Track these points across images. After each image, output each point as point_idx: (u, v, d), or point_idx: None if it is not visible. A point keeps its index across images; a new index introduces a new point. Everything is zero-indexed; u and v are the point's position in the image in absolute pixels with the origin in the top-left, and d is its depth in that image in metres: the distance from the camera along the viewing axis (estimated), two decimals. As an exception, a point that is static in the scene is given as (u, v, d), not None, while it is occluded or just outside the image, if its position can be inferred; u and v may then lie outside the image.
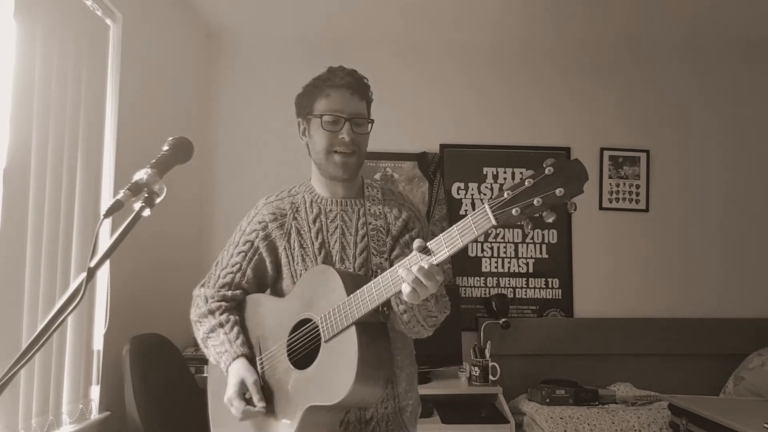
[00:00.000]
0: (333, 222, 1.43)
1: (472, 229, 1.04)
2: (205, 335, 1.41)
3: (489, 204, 1.02)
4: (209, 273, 1.50)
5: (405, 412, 1.43)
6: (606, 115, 3.48)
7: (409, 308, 1.23)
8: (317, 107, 1.40)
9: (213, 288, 1.47)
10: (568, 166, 0.98)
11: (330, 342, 1.24)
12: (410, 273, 1.09)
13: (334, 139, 1.38)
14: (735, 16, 3.15)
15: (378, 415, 1.38)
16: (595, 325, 3.29)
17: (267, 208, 1.46)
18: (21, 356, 0.76)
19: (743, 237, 3.43)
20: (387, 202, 1.47)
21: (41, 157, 1.82)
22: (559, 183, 0.97)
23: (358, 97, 1.41)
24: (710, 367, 3.20)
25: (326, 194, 1.46)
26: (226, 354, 1.36)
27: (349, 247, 1.41)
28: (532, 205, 0.98)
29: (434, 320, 1.29)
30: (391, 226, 1.43)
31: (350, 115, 1.38)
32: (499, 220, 1.01)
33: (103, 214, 0.87)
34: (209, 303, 1.44)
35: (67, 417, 1.97)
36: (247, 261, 1.45)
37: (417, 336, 1.35)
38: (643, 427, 2.59)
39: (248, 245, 1.45)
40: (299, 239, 1.42)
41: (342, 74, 1.41)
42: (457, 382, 2.95)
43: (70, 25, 1.98)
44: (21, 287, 1.72)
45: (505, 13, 3.15)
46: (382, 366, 1.24)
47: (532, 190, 0.99)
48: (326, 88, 1.40)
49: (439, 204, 3.36)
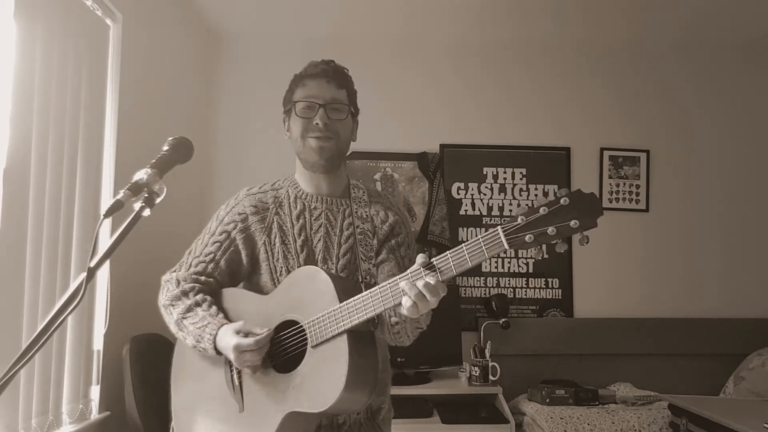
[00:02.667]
0: (317, 220, 1.41)
1: (482, 251, 1.04)
2: (180, 316, 1.32)
3: (502, 228, 1.03)
4: (181, 260, 1.44)
5: (378, 415, 1.41)
6: (606, 115, 3.48)
7: (402, 321, 1.22)
8: (294, 97, 1.40)
9: (185, 272, 1.40)
10: (583, 198, 0.99)
11: (318, 348, 1.20)
12: (414, 288, 1.07)
13: (309, 124, 1.37)
14: (735, 16, 3.15)
15: (350, 420, 1.35)
16: (595, 325, 3.29)
17: (249, 199, 1.43)
18: (21, 356, 0.76)
19: (743, 237, 3.43)
20: (373, 204, 1.45)
21: (41, 157, 1.82)
22: (574, 214, 0.98)
23: (335, 85, 1.40)
24: (710, 367, 3.20)
25: (311, 190, 1.44)
26: (210, 326, 1.27)
27: (333, 248, 1.38)
28: (546, 234, 0.99)
29: (420, 331, 1.29)
30: (377, 229, 1.42)
31: (325, 101, 1.37)
32: (512, 245, 1.01)
33: (103, 214, 0.87)
34: (182, 285, 1.37)
35: (67, 417, 1.97)
36: (222, 252, 1.39)
37: (398, 344, 1.33)
38: (643, 427, 2.59)
39: (224, 236, 1.40)
40: (281, 235, 1.39)
41: (318, 63, 1.42)
42: (457, 382, 2.95)
43: (70, 25, 1.98)
44: (21, 287, 1.72)
45: (506, 13, 3.15)
46: (369, 375, 1.21)
47: (547, 219, 1.00)
48: (303, 78, 1.41)
49: (439, 204, 3.36)
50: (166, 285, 1.41)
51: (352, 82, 1.45)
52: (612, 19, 3.21)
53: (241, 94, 3.42)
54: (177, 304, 1.35)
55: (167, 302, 1.37)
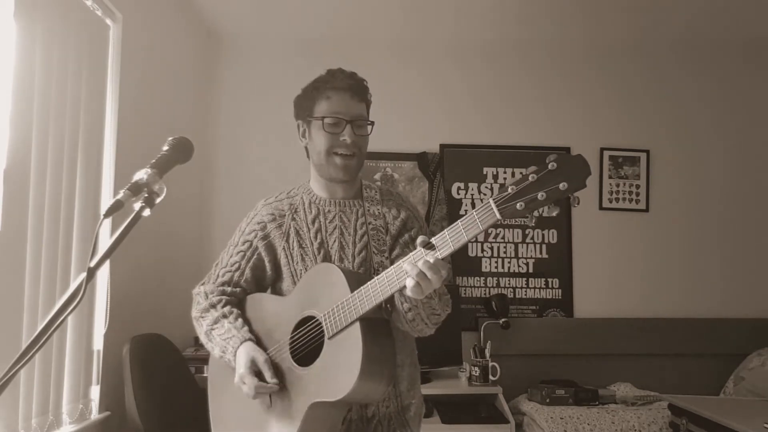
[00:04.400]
0: (332, 222, 1.44)
1: (476, 223, 1.06)
2: (209, 328, 1.41)
3: (493, 199, 1.04)
4: (209, 273, 1.52)
5: (408, 411, 1.43)
6: (606, 115, 3.48)
7: (413, 306, 1.24)
8: (318, 110, 1.40)
9: (213, 285, 1.48)
10: (570, 160, 1.01)
11: (334, 338, 1.25)
12: (415, 267, 1.10)
13: (336, 141, 1.38)
14: (734, 16, 3.15)
15: (380, 413, 1.38)
16: (595, 325, 3.29)
17: (266, 209, 1.48)
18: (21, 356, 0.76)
19: (743, 237, 3.43)
20: (385, 202, 1.47)
21: (41, 157, 1.82)
22: (562, 178, 1.00)
23: (358, 99, 1.41)
24: (710, 367, 3.20)
25: (325, 195, 1.47)
26: (233, 339, 1.36)
27: (348, 247, 1.42)
28: (536, 200, 1.01)
29: (437, 318, 1.30)
30: (390, 225, 1.44)
31: (352, 117, 1.39)
32: (503, 214, 1.03)
33: (103, 214, 0.87)
34: (209, 298, 1.45)
35: (67, 417, 1.97)
36: (246, 260, 1.46)
37: (420, 334, 1.36)
38: (643, 427, 2.59)
39: (247, 245, 1.46)
40: (298, 239, 1.43)
41: (342, 77, 1.42)
42: (457, 382, 2.95)
43: (70, 25, 1.98)
44: (21, 287, 1.72)
45: (506, 13, 3.15)
46: (385, 363, 1.25)
47: (536, 185, 1.01)
48: (327, 90, 1.41)
49: (439, 204, 3.36)
50: (195, 298, 1.49)
51: (370, 94, 1.47)
52: (612, 20, 3.21)
53: (241, 94, 3.42)
54: (206, 316, 1.43)
55: (197, 314, 1.46)
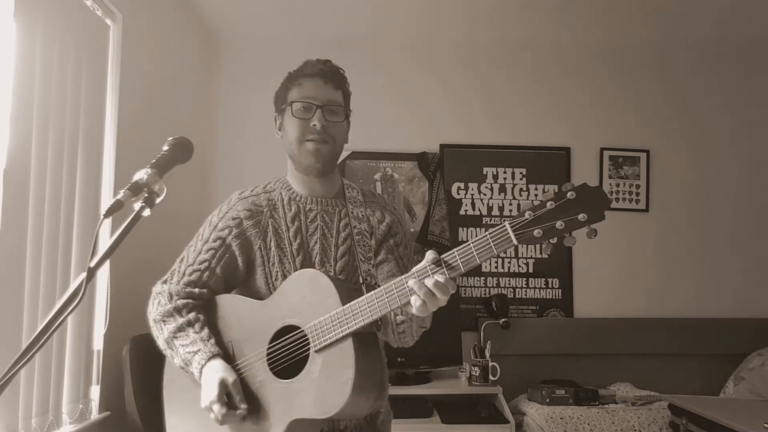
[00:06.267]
0: (313, 222, 1.37)
1: (490, 248, 1.03)
2: (170, 335, 1.29)
3: (510, 224, 1.02)
4: (172, 269, 1.39)
5: (377, 419, 1.39)
6: (606, 115, 3.48)
7: (407, 320, 1.20)
8: (289, 97, 1.37)
9: (178, 285, 1.35)
10: (590, 192, 0.99)
11: (321, 352, 1.17)
12: (423, 286, 1.05)
13: (306, 127, 1.34)
14: (734, 16, 3.15)
15: (351, 424, 1.33)
16: (595, 325, 3.29)
17: (242, 203, 1.39)
18: (21, 356, 0.76)
19: (743, 237, 3.42)
20: (369, 204, 1.43)
21: (41, 157, 1.81)
22: (581, 208, 0.98)
23: (332, 86, 1.37)
24: (710, 367, 3.20)
25: (304, 192, 1.40)
26: (200, 354, 1.24)
27: (330, 249, 1.36)
28: (554, 228, 0.99)
29: (424, 330, 1.28)
30: (374, 229, 1.39)
31: (323, 102, 1.34)
32: (521, 240, 1.01)
33: (103, 214, 0.87)
34: (174, 300, 1.32)
35: (67, 417, 1.97)
36: (217, 259, 1.35)
37: (401, 345, 1.32)
38: (643, 427, 2.59)
39: (219, 242, 1.35)
40: (276, 239, 1.35)
41: (314, 63, 1.39)
42: (457, 382, 2.95)
43: (70, 25, 1.98)
44: (21, 287, 1.71)
45: (506, 13, 3.15)
46: (376, 377, 1.19)
47: (554, 213, 0.99)
48: (299, 77, 1.38)
49: (439, 204, 3.36)
50: (157, 297, 1.37)
51: (348, 84, 1.43)
52: (612, 20, 3.21)
53: (241, 93, 3.42)
54: (168, 321, 1.31)
55: (158, 317, 1.33)
